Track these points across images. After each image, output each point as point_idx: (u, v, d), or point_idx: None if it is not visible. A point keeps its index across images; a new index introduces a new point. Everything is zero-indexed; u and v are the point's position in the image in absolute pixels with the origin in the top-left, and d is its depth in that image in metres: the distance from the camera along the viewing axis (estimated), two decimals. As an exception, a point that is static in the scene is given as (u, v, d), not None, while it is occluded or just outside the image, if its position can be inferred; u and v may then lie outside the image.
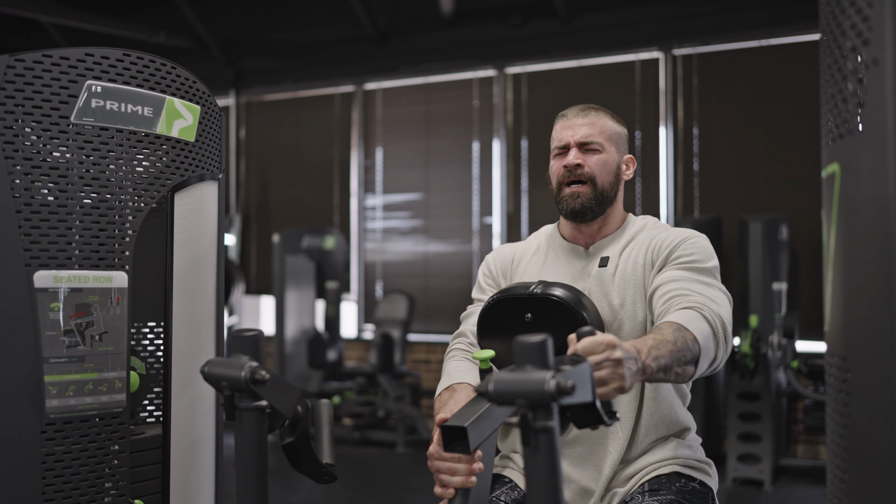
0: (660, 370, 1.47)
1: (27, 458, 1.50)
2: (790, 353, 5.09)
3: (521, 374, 1.15)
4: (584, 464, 1.82)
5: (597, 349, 1.33)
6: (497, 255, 2.05)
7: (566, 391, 1.12)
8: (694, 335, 1.56)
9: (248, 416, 1.42)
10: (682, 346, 1.52)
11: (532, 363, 1.16)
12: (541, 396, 1.12)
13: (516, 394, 1.14)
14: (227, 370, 1.40)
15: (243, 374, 1.38)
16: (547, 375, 1.13)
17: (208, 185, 1.83)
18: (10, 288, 1.49)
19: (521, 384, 1.14)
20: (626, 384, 1.34)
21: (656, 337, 1.51)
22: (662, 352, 1.48)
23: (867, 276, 1.00)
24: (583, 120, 1.91)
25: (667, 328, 1.56)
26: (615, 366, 1.33)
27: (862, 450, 1.02)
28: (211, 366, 1.42)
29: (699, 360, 1.57)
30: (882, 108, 0.97)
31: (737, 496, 4.97)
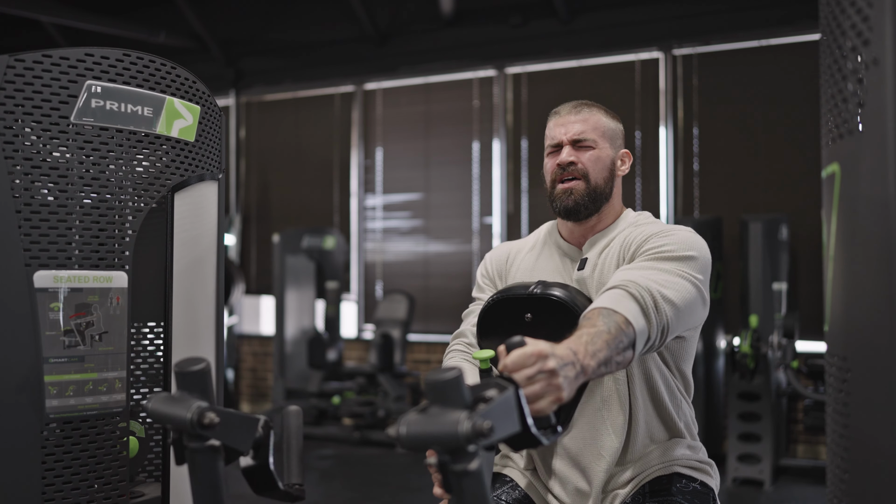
0: (600, 365, 1.39)
1: (27, 458, 1.50)
2: (790, 353, 5.09)
3: (433, 416, 1.06)
4: (576, 464, 1.81)
5: (527, 362, 1.24)
6: (493, 254, 2.05)
7: (482, 434, 1.04)
8: (625, 317, 1.49)
9: (199, 458, 1.28)
10: (616, 332, 1.45)
11: (444, 403, 1.07)
12: (455, 441, 1.04)
13: (429, 440, 1.05)
14: (173, 410, 1.25)
15: (190, 417, 1.24)
16: (461, 417, 1.04)
17: (208, 185, 1.83)
18: (10, 288, 1.49)
19: (433, 428, 1.05)
20: (563, 395, 1.26)
21: (589, 330, 1.43)
22: (599, 345, 1.40)
23: (867, 276, 1.00)
24: (575, 117, 1.89)
25: (596, 316, 1.48)
26: (549, 377, 1.25)
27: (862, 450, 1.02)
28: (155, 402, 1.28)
29: (636, 341, 1.49)
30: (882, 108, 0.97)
31: (737, 496, 4.97)
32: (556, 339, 1.72)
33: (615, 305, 1.50)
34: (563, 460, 1.82)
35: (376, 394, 6.45)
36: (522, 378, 1.22)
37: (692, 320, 1.68)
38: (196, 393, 1.27)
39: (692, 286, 1.65)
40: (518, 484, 1.89)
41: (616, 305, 1.50)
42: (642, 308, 1.53)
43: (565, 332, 1.71)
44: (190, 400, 1.26)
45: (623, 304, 1.51)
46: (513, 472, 1.92)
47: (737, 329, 5.56)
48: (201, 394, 1.28)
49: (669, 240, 1.72)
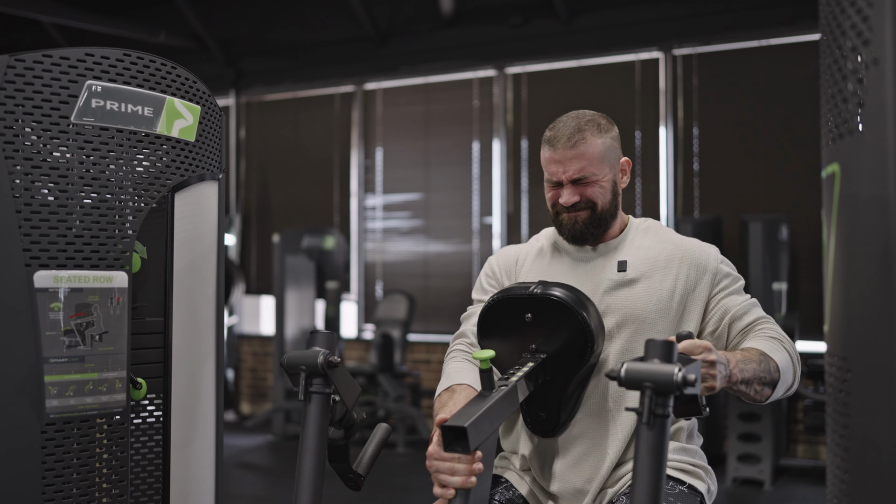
0: (742, 382, 1.63)
1: (27, 458, 1.50)
2: (790, 353, 5.08)
3: (651, 364, 1.34)
4: (581, 464, 1.81)
5: (695, 350, 1.49)
6: (501, 255, 2.03)
7: (690, 383, 1.30)
8: (777, 364, 1.72)
9: (317, 399, 1.64)
10: (764, 368, 1.68)
11: (660, 358, 1.35)
12: (668, 385, 1.31)
13: (647, 379, 1.32)
14: (306, 357, 1.64)
15: (319, 360, 1.62)
16: (675, 368, 1.32)
17: (208, 185, 1.83)
18: (10, 288, 1.49)
19: (652, 372, 1.32)
20: (716, 384, 1.51)
21: (744, 355, 1.67)
22: (748, 367, 1.64)
23: (867, 276, 1.00)
24: (572, 153, 1.83)
25: (754, 352, 1.71)
26: (710, 367, 1.50)
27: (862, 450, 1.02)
28: (291, 353, 1.66)
29: (777, 385, 1.71)
30: (882, 108, 0.97)
31: (737, 496, 4.97)
32: (555, 339, 1.72)
33: (772, 353, 1.74)
34: (566, 461, 1.82)
35: (376, 394, 6.45)
36: None
37: None
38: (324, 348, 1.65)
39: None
40: (513, 485, 1.89)
41: (773, 353, 1.74)
42: (793, 363, 1.78)
43: (565, 333, 1.71)
44: (319, 349, 1.65)
45: (778, 355, 1.74)
46: (511, 475, 1.92)
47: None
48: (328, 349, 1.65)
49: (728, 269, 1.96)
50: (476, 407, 1.55)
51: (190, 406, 1.82)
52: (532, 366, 1.70)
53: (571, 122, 1.86)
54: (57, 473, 1.54)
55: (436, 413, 1.77)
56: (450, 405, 1.73)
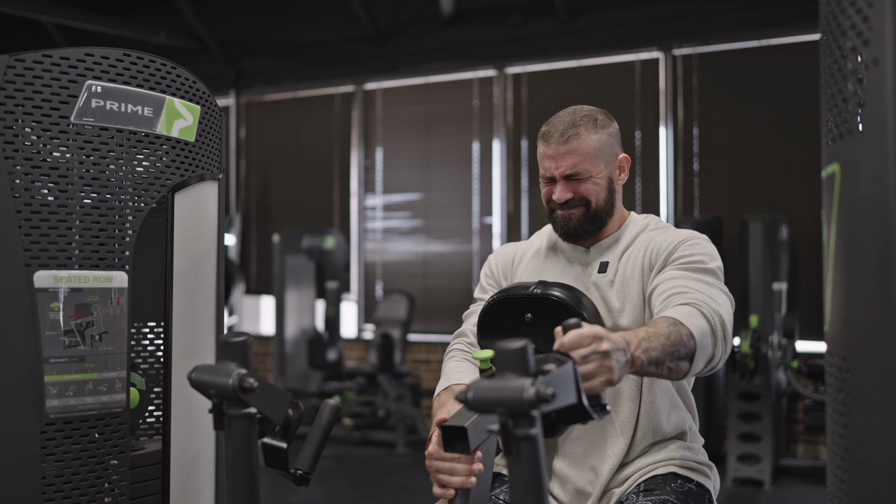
0: (650, 363, 1.43)
1: (27, 459, 1.50)
2: (790, 353, 5.09)
3: (500, 381, 1.13)
4: (581, 465, 1.81)
5: (583, 342, 1.30)
6: (498, 255, 2.04)
7: (545, 399, 1.10)
8: (690, 331, 1.52)
9: (237, 424, 1.37)
10: (675, 340, 1.49)
11: (512, 370, 1.14)
12: (520, 405, 1.10)
13: (495, 402, 1.12)
14: (215, 377, 1.35)
15: (231, 382, 1.33)
16: (526, 383, 1.11)
17: (208, 185, 1.83)
18: (10, 288, 1.49)
19: (500, 392, 1.12)
20: (614, 377, 1.32)
21: (649, 330, 1.48)
22: (654, 345, 1.44)
23: (867, 276, 1.00)
24: (565, 148, 1.81)
25: (661, 322, 1.53)
26: (602, 358, 1.31)
27: (862, 450, 1.02)
28: (198, 372, 1.38)
29: (695, 356, 1.53)
30: (882, 108, 0.97)
31: (737, 496, 4.97)
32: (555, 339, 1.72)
33: (684, 319, 1.55)
34: (568, 462, 1.82)
35: (376, 394, 6.45)
36: (578, 357, 1.28)
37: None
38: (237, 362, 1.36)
39: (728, 298, 1.72)
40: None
41: (685, 319, 1.55)
42: (712, 329, 1.58)
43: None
44: (231, 367, 1.35)
45: (691, 320, 1.55)
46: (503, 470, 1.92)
47: (737, 329, 5.55)
48: (242, 363, 1.36)
49: (698, 249, 1.76)
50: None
51: (190, 406, 1.82)
52: (532, 366, 1.69)
53: (567, 117, 1.85)
54: (57, 473, 1.54)
55: (434, 413, 1.77)
56: (449, 405, 1.73)
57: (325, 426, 1.58)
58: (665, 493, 1.74)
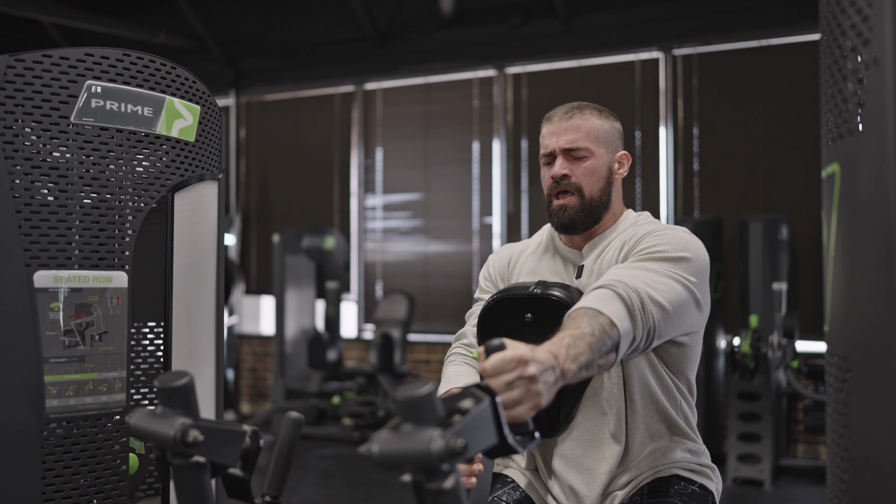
0: (581, 369, 1.36)
1: (27, 458, 1.50)
2: (790, 353, 5.09)
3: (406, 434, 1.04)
4: (577, 467, 1.80)
5: (507, 367, 1.20)
6: (496, 256, 2.03)
7: (456, 452, 1.01)
8: (610, 318, 1.46)
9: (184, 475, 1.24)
10: (600, 334, 1.42)
11: (417, 420, 1.04)
12: (428, 461, 1.01)
13: (402, 459, 1.03)
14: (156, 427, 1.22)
15: (173, 434, 1.19)
16: (434, 435, 1.01)
17: (208, 185, 1.83)
18: (10, 288, 1.49)
19: (406, 447, 1.02)
20: (542, 401, 1.23)
21: (572, 332, 1.39)
22: (581, 348, 1.36)
23: (867, 276, 1.00)
24: (567, 123, 1.82)
25: (580, 317, 1.45)
26: (528, 384, 1.21)
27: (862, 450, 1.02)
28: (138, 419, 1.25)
29: (619, 344, 1.46)
30: (882, 108, 0.97)
31: (737, 496, 4.97)
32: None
33: (601, 306, 1.47)
34: (564, 461, 1.82)
35: (376, 394, 6.45)
36: (501, 384, 1.19)
37: (684, 324, 1.64)
38: (179, 409, 1.23)
39: (683, 288, 1.62)
40: (519, 485, 1.89)
41: (602, 306, 1.47)
42: (629, 309, 1.50)
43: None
44: (173, 417, 1.21)
45: (609, 305, 1.48)
46: (514, 472, 1.92)
47: (737, 329, 5.56)
48: (185, 409, 1.23)
49: (662, 239, 1.68)
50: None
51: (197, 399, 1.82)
52: (532, 366, 1.69)
53: (572, 103, 1.88)
54: (57, 473, 1.54)
55: None
56: None
57: (288, 442, 1.45)
58: (669, 495, 1.74)
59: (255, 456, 1.33)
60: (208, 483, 1.26)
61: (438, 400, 1.06)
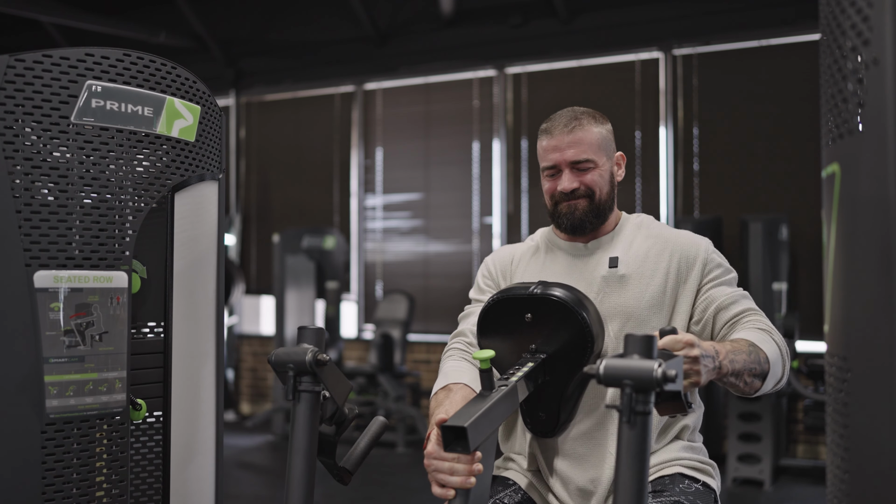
0: (733, 374, 1.58)
1: (27, 458, 1.50)
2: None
3: (630, 360, 1.29)
4: (583, 464, 1.81)
5: (676, 346, 1.45)
6: (497, 256, 2.04)
7: (670, 378, 1.25)
8: (766, 355, 1.67)
9: (306, 397, 1.61)
10: (755, 360, 1.64)
11: (640, 353, 1.29)
12: (648, 381, 1.26)
13: (626, 376, 1.27)
14: (293, 355, 1.60)
15: (308, 358, 1.58)
16: (654, 364, 1.27)
17: (208, 185, 1.83)
18: (10, 288, 1.49)
19: (631, 369, 1.27)
20: (701, 379, 1.47)
21: (734, 346, 1.62)
22: (738, 358, 1.60)
23: (867, 276, 1.00)
24: (570, 137, 1.85)
25: (743, 343, 1.67)
26: (692, 362, 1.46)
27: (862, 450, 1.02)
28: (278, 351, 1.62)
29: (767, 376, 1.68)
30: (882, 108, 0.97)
31: (737, 496, 4.97)
32: (555, 339, 1.72)
33: (761, 344, 1.69)
34: (567, 461, 1.82)
35: (376, 394, 6.45)
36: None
37: None
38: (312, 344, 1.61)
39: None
40: (521, 487, 1.88)
41: (762, 344, 1.69)
42: (782, 355, 1.75)
43: (565, 332, 1.71)
44: (307, 346, 1.60)
45: (767, 346, 1.70)
46: (514, 474, 1.92)
47: (737, 329, 5.55)
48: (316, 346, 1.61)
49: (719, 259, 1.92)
50: (476, 407, 1.55)
51: (190, 406, 1.82)
52: (532, 366, 1.70)
53: (567, 113, 1.90)
54: (57, 473, 1.54)
55: (432, 412, 1.77)
56: (446, 404, 1.73)
57: (373, 436, 1.78)
58: (675, 494, 1.74)
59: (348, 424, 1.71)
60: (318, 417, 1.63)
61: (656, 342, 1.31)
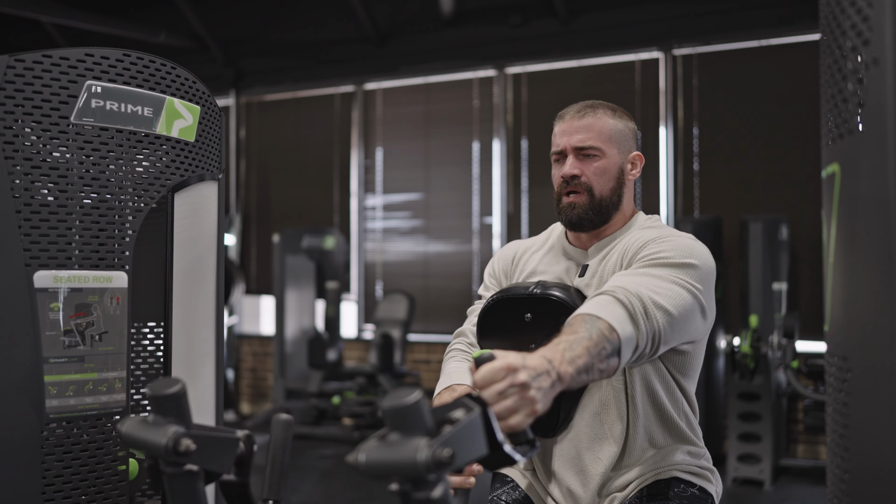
0: (580, 372, 1.32)
1: (27, 459, 1.50)
2: (790, 353, 5.09)
3: (392, 444, 1.02)
4: (572, 467, 1.80)
5: (497, 376, 1.19)
6: (501, 254, 2.02)
7: (443, 462, 0.99)
8: (609, 323, 1.42)
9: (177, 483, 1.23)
10: (598, 338, 1.38)
11: (404, 429, 1.03)
12: (414, 470, 0.99)
13: (388, 468, 1.02)
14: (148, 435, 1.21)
15: (165, 443, 1.19)
16: (421, 444, 1.00)
17: (208, 185, 1.83)
18: (10, 288, 1.49)
19: (392, 456, 1.01)
20: (538, 407, 1.21)
21: (568, 337, 1.36)
22: (578, 351, 1.33)
23: (867, 276, 1.00)
24: (580, 122, 1.81)
25: (578, 322, 1.42)
26: (521, 390, 1.19)
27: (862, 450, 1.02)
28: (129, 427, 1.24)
29: (621, 349, 1.43)
30: (882, 108, 0.97)
31: (737, 496, 4.97)
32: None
33: (599, 311, 1.44)
34: (561, 462, 1.81)
35: (376, 394, 6.45)
36: (493, 394, 1.18)
37: (689, 331, 1.62)
38: (171, 416, 1.22)
39: (689, 294, 1.59)
40: (518, 485, 1.88)
41: (600, 311, 1.44)
42: (630, 314, 1.47)
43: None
44: (165, 425, 1.21)
45: (608, 310, 1.45)
46: (513, 472, 1.91)
47: (737, 329, 5.56)
48: (177, 417, 1.23)
49: (667, 245, 1.66)
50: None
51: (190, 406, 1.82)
52: (532, 366, 1.69)
53: (586, 101, 1.86)
54: (57, 473, 1.54)
55: None
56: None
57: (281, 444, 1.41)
58: (668, 498, 1.73)
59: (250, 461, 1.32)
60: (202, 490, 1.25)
61: (427, 409, 1.04)
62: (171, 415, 1.22)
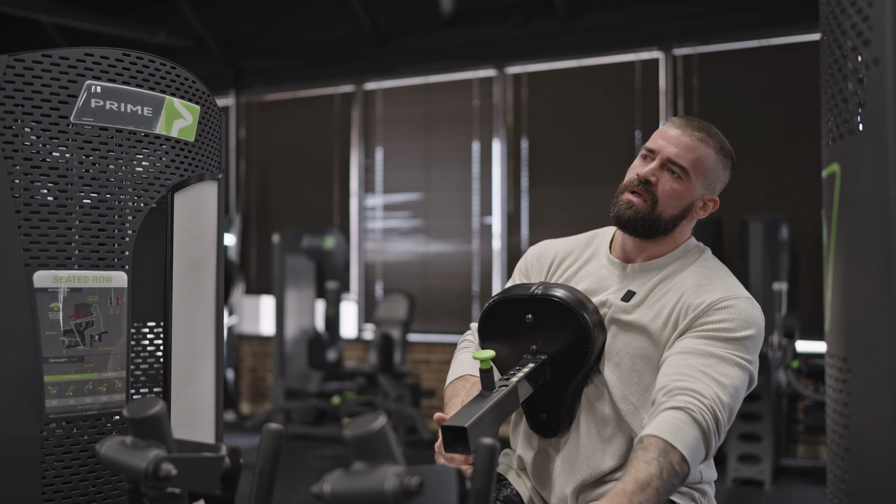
0: None
1: (27, 459, 1.50)
2: (790, 353, 5.09)
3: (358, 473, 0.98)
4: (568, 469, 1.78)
5: None
6: (538, 250, 1.94)
7: (412, 492, 0.95)
8: (681, 454, 1.45)
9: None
10: (668, 475, 1.42)
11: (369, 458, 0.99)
12: (382, 500, 0.95)
13: (355, 500, 0.97)
14: (128, 459, 1.17)
15: (145, 467, 1.15)
16: (388, 473, 0.97)
17: (208, 184, 1.83)
18: (9, 288, 1.49)
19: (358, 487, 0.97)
20: None
21: (638, 476, 1.40)
22: (648, 494, 1.38)
23: (867, 276, 1.00)
24: (686, 139, 1.73)
25: (651, 448, 1.45)
26: None
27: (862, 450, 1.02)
28: (108, 449, 1.20)
29: (687, 474, 1.48)
30: (882, 108, 0.97)
31: (737, 496, 4.97)
32: (556, 339, 1.72)
33: (674, 439, 1.46)
34: (555, 464, 1.81)
35: (376, 394, 6.45)
36: None
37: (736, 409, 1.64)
38: (151, 439, 1.19)
39: (745, 373, 1.62)
40: (511, 483, 1.89)
41: (675, 439, 1.46)
42: (704, 435, 1.51)
43: (567, 334, 1.71)
44: (145, 448, 1.17)
45: (683, 437, 1.47)
46: (511, 473, 1.92)
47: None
48: (157, 439, 1.19)
49: (729, 315, 1.65)
50: (476, 407, 1.55)
51: (190, 406, 1.82)
52: (532, 367, 1.70)
53: (706, 124, 1.79)
54: (57, 473, 1.53)
55: (447, 401, 1.78)
56: (462, 395, 1.76)
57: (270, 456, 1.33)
58: None
59: (236, 476, 1.29)
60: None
61: (392, 435, 1.01)
62: (150, 437, 1.19)
